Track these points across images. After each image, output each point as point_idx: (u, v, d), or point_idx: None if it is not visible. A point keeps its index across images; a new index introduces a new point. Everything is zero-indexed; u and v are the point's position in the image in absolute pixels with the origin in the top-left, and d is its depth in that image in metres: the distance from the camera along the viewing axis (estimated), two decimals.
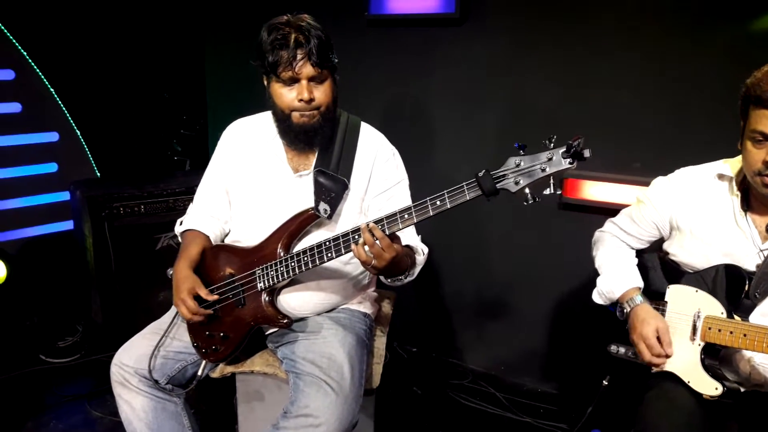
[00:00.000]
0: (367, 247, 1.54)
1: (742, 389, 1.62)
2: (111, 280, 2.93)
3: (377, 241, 1.51)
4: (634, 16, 2.46)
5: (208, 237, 1.95)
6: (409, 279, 1.80)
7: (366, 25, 3.05)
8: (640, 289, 1.79)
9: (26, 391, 2.78)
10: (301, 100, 1.71)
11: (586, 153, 1.31)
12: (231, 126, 2.02)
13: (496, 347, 3.12)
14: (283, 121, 1.79)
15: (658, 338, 1.66)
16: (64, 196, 3.27)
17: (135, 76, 3.55)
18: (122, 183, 3.09)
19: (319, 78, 1.72)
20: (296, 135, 1.80)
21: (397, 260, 1.58)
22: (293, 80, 1.71)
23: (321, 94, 1.74)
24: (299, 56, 1.67)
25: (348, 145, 1.87)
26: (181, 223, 2.02)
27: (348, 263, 1.90)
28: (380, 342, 2.09)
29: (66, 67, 3.26)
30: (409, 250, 1.80)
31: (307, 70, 1.68)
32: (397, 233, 1.56)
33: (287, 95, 1.73)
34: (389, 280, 1.77)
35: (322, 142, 1.83)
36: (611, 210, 2.02)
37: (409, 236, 1.82)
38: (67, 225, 3.34)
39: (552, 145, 1.35)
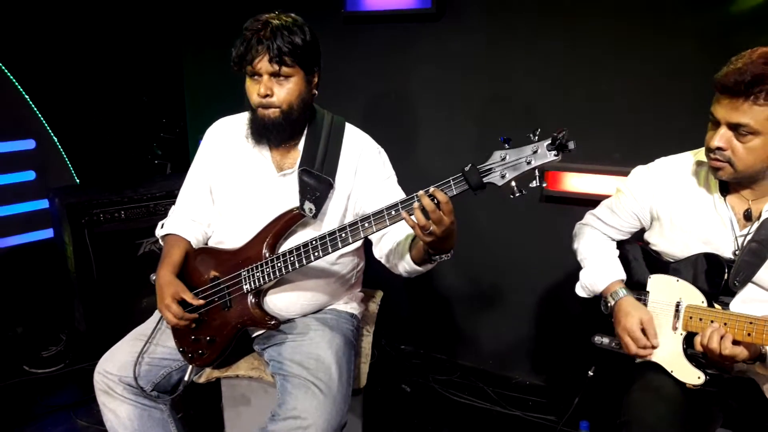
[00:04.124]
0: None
1: (725, 376, 1.64)
2: (93, 288, 2.90)
3: (438, 207, 1.41)
4: (612, 8, 2.47)
5: (189, 242, 1.94)
6: (448, 257, 1.61)
7: (343, 23, 3.04)
8: (623, 281, 1.80)
9: (10, 402, 2.73)
10: (258, 95, 1.72)
11: (571, 145, 1.32)
12: (214, 125, 2.01)
13: (484, 342, 3.14)
14: (252, 114, 1.81)
15: (643, 330, 1.67)
16: (43, 204, 3.23)
17: (112, 80, 3.51)
18: (102, 189, 3.06)
19: (283, 75, 1.71)
20: (256, 128, 1.80)
21: (455, 227, 1.48)
22: (255, 74, 1.72)
23: (283, 91, 1.73)
24: (259, 52, 1.67)
25: (332, 144, 1.86)
26: (162, 227, 2.00)
27: (335, 263, 1.89)
28: (366, 341, 2.09)
29: (41, 72, 3.21)
30: None
31: (265, 66, 1.68)
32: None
33: (252, 90, 1.74)
34: (433, 257, 1.60)
35: (279, 140, 1.82)
36: (593, 201, 2.04)
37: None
38: (47, 233, 3.29)
39: (537, 138, 1.36)
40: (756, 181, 1.59)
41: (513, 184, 1.38)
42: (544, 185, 1.38)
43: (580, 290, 1.89)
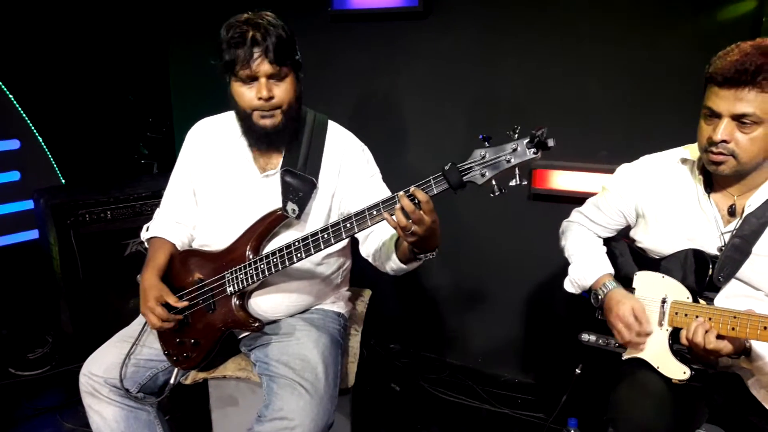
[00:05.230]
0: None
1: (710, 372, 1.65)
2: (79, 289, 2.88)
3: (418, 206, 1.41)
4: (600, 6, 2.48)
5: (174, 245, 1.93)
6: (433, 256, 1.61)
7: (329, 21, 3.03)
8: (612, 275, 1.80)
9: None
10: (260, 99, 1.68)
11: (550, 142, 1.31)
12: (195, 126, 1.99)
13: (473, 340, 3.14)
14: (245, 120, 1.77)
15: (636, 319, 1.66)
16: (28, 204, 3.19)
17: (98, 80, 3.48)
18: (87, 189, 3.03)
19: (279, 76, 1.69)
20: (259, 136, 1.77)
21: (437, 226, 1.46)
22: (252, 78, 1.68)
23: (281, 92, 1.71)
24: (256, 54, 1.64)
25: (315, 143, 1.85)
26: (147, 229, 1.99)
27: (320, 264, 1.88)
28: (354, 341, 2.08)
29: (25, 71, 3.18)
30: None
31: (265, 67, 1.66)
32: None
33: (247, 94, 1.70)
34: (418, 256, 1.60)
35: (286, 142, 1.81)
36: (581, 199, 2.04)
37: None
38: (33, 234, 3.27)
39: (516, 135, 1.35)
40: (747, 174, 1.59)
41: (493, 182, 1.38)
42: (525, 183, 1.38)
43: (569, 285, 1.89)
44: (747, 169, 1.55)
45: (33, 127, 3.26)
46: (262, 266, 1.69)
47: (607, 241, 1.92)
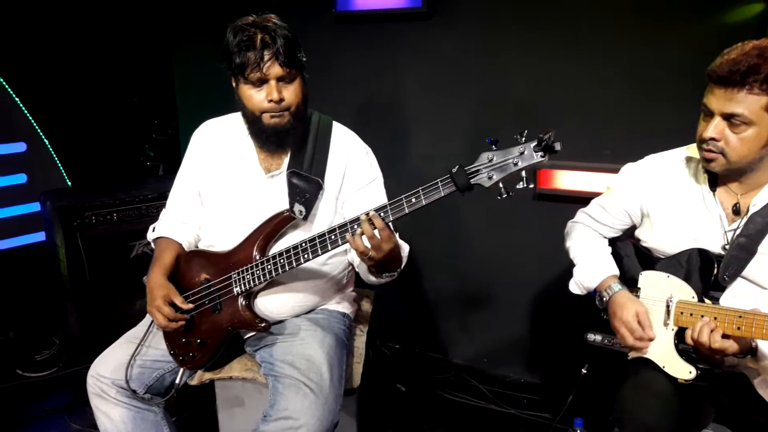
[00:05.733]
0: (365, 238, 1.50)
1: (716, 371, 1.64)
2: (86, 291, 2.89)
3: (377, 232, 1.48)
4: (604, 6, 2.48)
5: (181, 245, 1.93)
6: (395, 276, 1.74)
7: (334, 22, 3.03)
8: (617, 276, 1.80)
9: (4, 406, 2.73)
10: (270, 101, 1.69)
11: (557, 146, 1.33)
12: (201, 127, 2.00)
13: (479, 340, 3.14)
14: (253, 123, 1.77)
15: (639, 323, 1.68)
16: (35, 207, 3.21)
17: (103, 82, 3.49)
18: (93, 191, 3.04)
19: (288, 78, 1.70)
20: (268, 136, 1.78)
21: (395, 253, 1.55)
22: (262, 81, 1.68)
23: (290, 93, 1.72)
24: (266, 57, 1.64)
25: (320, 145, 1.86)
26: (153, 230, 1.99)
27: (325, 264, 1.89)
28: (360, 341, 2.09)
29: (31, 74, 3.20)
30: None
31: (275, 70, 1.66)
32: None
33: (256, 96, 1.71)
34: (380, 275, 1.69)
35: (294, 142, 1.81)
36: (585, 198, 2.04)
37: None
38: (39, 236, 3.28)
39: (523, 139, 1.37)
40: (745, 173, 1.59)
41: (500, 185, 1.39)
42: (531, 186, 1.39)
43: (574, 287, 1.89)
44: (737, 168, 1.57)
45: (39, 130, 3.27)
46: (269, 267, 1.70)
47: (612, 242, 1.92)
